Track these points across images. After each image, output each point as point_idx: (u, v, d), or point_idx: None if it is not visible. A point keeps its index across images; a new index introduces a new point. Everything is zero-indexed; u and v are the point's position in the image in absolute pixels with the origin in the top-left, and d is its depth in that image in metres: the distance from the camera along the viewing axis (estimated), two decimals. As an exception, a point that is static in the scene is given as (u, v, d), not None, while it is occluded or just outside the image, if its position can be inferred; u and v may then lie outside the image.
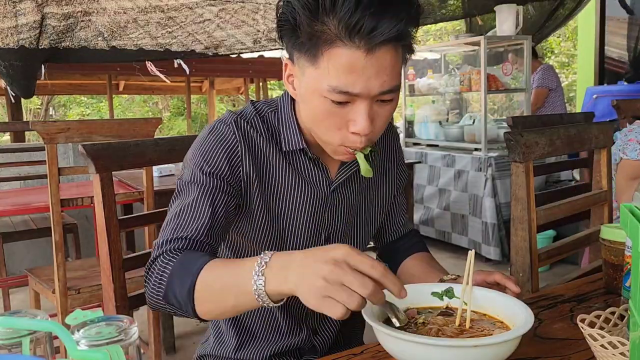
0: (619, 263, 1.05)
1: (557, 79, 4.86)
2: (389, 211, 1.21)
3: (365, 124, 0.86)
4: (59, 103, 14.82)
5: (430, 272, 1.10)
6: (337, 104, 0.86)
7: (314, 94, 0.87)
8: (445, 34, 13.89)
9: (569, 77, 11.07)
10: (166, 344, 2.68)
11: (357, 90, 0.84)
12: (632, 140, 2.04)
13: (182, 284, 0.83)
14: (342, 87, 0.84)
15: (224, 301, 0.81)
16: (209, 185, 0.94)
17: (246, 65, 6.61)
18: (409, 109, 4.78)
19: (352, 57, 0.82)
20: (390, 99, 0.89)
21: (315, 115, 0.90)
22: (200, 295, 0.82)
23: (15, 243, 3.34)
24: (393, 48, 0.84)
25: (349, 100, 0.86)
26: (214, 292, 0.81)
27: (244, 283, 0.76)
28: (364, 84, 0.84)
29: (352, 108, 0.87)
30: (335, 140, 0.91)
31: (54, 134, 2.03)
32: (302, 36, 0.85)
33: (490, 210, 3.73)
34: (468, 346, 0.71)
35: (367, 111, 0.86)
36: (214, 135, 0.97)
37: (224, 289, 0.80)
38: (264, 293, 0.75)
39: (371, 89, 0.84)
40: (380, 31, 0.80)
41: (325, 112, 0.88)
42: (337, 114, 0.87)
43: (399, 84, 0.89)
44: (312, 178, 1.02)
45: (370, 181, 1.11)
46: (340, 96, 0.85)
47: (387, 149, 1.16)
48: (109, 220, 1.25)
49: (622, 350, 0.71)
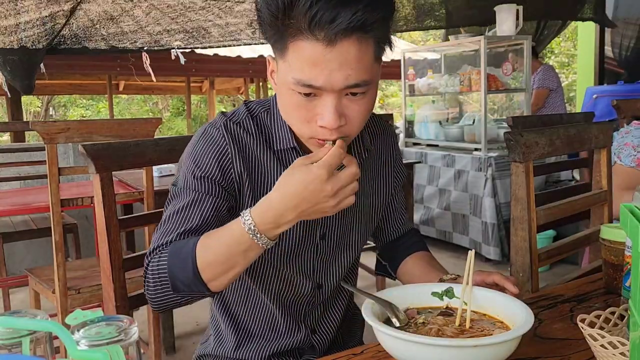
0: (619, 263, 1.05)
1: (557, 79, 4.86)
2: (388, 210, 1.21)
3: (331, 118, 0.85)
4: (59, 103, 14.82)
5: (431, 272, 1.10)
6: (305, 96, 0.86)
7: (284, 86, 0.88)
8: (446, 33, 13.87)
9: (569, 77, 11.07)
10: (166, 344, 2.68)
11: (319, 84, 0.83)
12: (627, 144, 2.01)
13: (185, 268, 0.88)
14: (305, 80, 0.83)
15: (234, 265, 0.87)
16: (200, 189, 0.95)
17: (246, 65, 6.61)
18: (409, 109, 4.78)
19: (314, 50, 0.81)
20: (362, 93, 0.87)
21: (285, 108, 0.92)
22: (207, 272, 0.87)
23: (15, 243, 3.34)
24: (357, 40, 0.82)
25: (315, 93, 0.85)
26: (220, 264, 0.87)
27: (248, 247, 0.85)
28: (326, 77, 0.82)
29: (319, 101, 0.86)
30: (305, 133, 0.91)
31: (54, 134, 2.03)
32: (270, 31, 0.86)
33: (490, 210, 3.73)
34: (468, 346, 0.71)
35: (333, 105, 0.85)
36: (204, 139, 0.98)
37: (231, 260, 0.86)
38: (269, 242, 0.85)
39: (334, 82, 0.83)
40: (339, 21, 0.79)
41: (294, 105, 0.88)
42: (305, 107, 0.87)
43: (369, 79, 0.86)
44: None
45: (367, 180, 1.11)
46: (304, 89, 0.84)
47: (383, 148, 1.15)
48: (109, 220, 1.25)
49: (622, 350, 0.71)
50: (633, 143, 2.01)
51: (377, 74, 0.90)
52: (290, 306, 1.08)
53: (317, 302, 1.10)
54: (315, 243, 1.05)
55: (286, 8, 0.81)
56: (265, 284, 1.05)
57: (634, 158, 1.98)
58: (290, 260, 1.04)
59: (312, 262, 1.06)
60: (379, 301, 0.86)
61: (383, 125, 1.17)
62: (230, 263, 0.87)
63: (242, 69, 6.79)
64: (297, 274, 1.05)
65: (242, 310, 1.10)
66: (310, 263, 1.06)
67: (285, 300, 1.07)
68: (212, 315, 1.16)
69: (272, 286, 1.06)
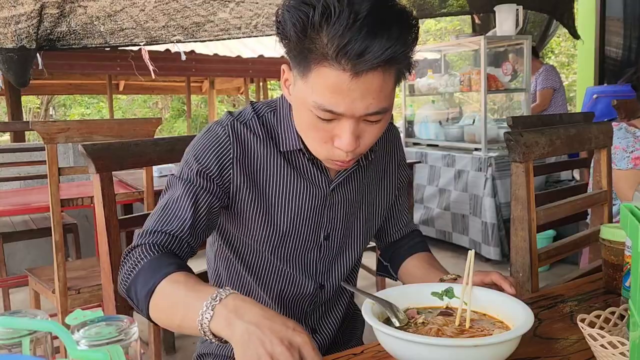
0: (619, 263, 1.05)
1: (559, 79, 4.87)
2: (391, 211, 1.21)
3: (349, 141, 0.86)
4: (59, 103, 14.82)
5: (431, 272, 1.10)
6: (323, 119, 0.86)
7: (302, 105, 0.88)
8: (446, 33, 13.89)
9: (569, 77, 11.07)
10: (166, 343, 2.68)
11: (340, 110, 0.83)
12: (617, 147, 1.99)
13: (145, 284, 0.86)
14: (326, 106, 0.83)
15: (172, 317, 0.83)
16: (195, 183, 0.96)
17: (246, 65, 6.61)
18: (409, 109, 4.78)
19: (338, 79, 0.81)
20: (378, 120, 0.88)
21: (302, 126, 0.92)
22: (155, 303, 0.85)
23: (16, 243, 3.34)
24: (382, 72, 0.82)
25: (335, 118, 0.86)
26: (166, 305, 0.84)
27: (193, 309, 0.77)
28: (348, 105, 0.83)
29: (337, 124, 0.86)
30: (321, 153, 0.92)
31: (54, 134, 2.03)
32: (293, 50, 0.85)
33: (490, 210, 3.73)
34: (468, 346, 0.71)
35: (351, 129, 0.86)
36: (208, 136, 0.98)
37: (175, 306, 0.82)
38: (207, 327, 0.76)
39: (355, 110, 0.83)
40: (369, 57, 0.78)
41: (311, 125, 0.88)
42: (323, 129, 0.88)
43: (388, 106, 0.87)
44: (311, 177, 1.02)
45: (371, 180, 1.11)
46: (324, 114, 0.85)
47: (388, 149, 1.16)
48: (109, 220, 1.25)
49: (622, 350, 0.71)
50: (622, 145, 2.00)
51: (394, 97, 0.91)
52: (292, 306, 1.08)
53: (319, 302, 1.11)
54: (319, 243, 1.05)
55: (315, 29, 0.80)
56: (267, 283, 1.06)
57: (629, 159, 1.98)
58: (294, 259, 1.04)
59: (315, 262, 1.07)
60: (379, 301, 0.86)
61: (388, 126, 1.17)
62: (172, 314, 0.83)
63: (242, 69, 6.78)
64: (300, 274, 1.06)
65: None
66: (313, 263, 1.06)
67: (287, 300, 1.08)
68: None
69: (275, 286, 1.06)
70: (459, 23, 13.63)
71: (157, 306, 0.85)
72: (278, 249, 1.02)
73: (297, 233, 1.03)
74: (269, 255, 1.03)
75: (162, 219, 0.94)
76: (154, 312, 0.86)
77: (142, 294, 0.86)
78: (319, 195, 1.03)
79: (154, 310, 0.86)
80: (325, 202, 1.04)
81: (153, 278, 0.85)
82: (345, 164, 0.93)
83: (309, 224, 1.03)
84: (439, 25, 14.67)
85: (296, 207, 1.02)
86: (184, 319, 0.80)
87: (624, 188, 1.95)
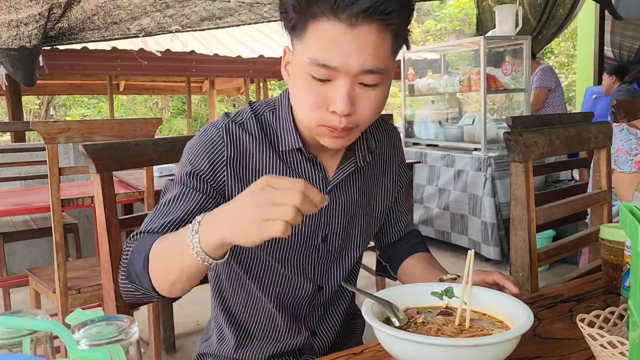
0: (619, 263, 1.05)
1: (556, 79, 4.86)
2: (391, 212, 1.21)
3: (343, 102, 0.85)
4: (59, 103, 14.83)
5: (431, 272, 1.10)
6: (318, 80, 0.86)
7: (298, 70, 0.88)
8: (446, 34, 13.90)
9: (569, 77, 11.07)
10: (166, 343, 2.69)
11: (335, 64, 0.84)
12: (620, 150, 1.99)
13: (138, 261, 0.87)
14: (321, 60, 0.84)
15: (172, 268, 0.83)
16: (188, 185, 0.96)
17: (246, 65, 6.62)
18: (408, 109, 4.78)
19: (334, 30, 0.82)
20: (375, 84, 0.87)
21: (297, 93, 0.91)
22: (152, 267, 0.86)
23: (16, 243, 3.34)
24: (377, 27, 0.83)
25: (330, 78, 0.86)
26: (162, 261, 0.85)
27: (185, 245, 0.78)
28: (343, 58, 0.83)
29: (332, 86, 0.86)
30: (314, 119, 0.90)
31: (55, 134, 2.03)
32: (291, 13, 0.87)
33: (489, 210, 3.73)
34: (468, 346, 0.71)
35: (347, 90, 0.85)
36: (202, 137, 0.99)
37: (170, 256, 0.83)
38: (200, 249, 0.77)
39: (351, 64, 0.84)
40: (362, 2, 0.80)
41: (306, 88, 0.88)
42: (318, 91, 0.87)
43: (385, 68, 0.87)
44: (308, 177, 1.01)
45: (370, 182, 1.11)
46: (319, 70, 0.85)
47: (387, 150, 1.15)
48: (110, 220, 1.25)
49: (622, 350, 0.71)
50: (624, 148, 1.99)
51: (392, 69, 0.91)
52: (290, 308, 1.08)
53: (317, 304, 1.10)
54: (316, 245, 1.05)
55: None
56: (265, 285, 1.05)
57: (632, 163, 1.97)
58: (291, 261, 1.04)
59: (313, 264, 1.06)
60: (379, 301, 0.86)
61: (388, 127, 1.17)
62: (168, 263, 0.84)
63: (242, 69, 6.79)
64: (298, 275, 1.05)
65: (242, 311, 1.10)
66: (311, 265, 1.06)
67: (285, 302, 1.07)
68: (215, 315, 1.16)
69: (272, 288, 1.06)
70: (459, 23, 13.64)
71: (155, 268, 0.86)
72: (274, 250, 1.02)
73: (295, 234, 1.02)
74: (266, 257, 1.02)
75: (153, 220, 0.95)
76: (155, 277, 0.86)
77: (139, 270, 0.87)
78: None
79: (155, 276, 0.86)
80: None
81: (143, 252, 0.87)
82: (338, 133, 0.90)
83: (306, 225, 1.03)
84: (439, 26, 14.68)
85: None
86: (182, 259, 0.80)
87: (626, 192, 1.95)
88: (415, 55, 5.22)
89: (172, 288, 0.86)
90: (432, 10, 15.30)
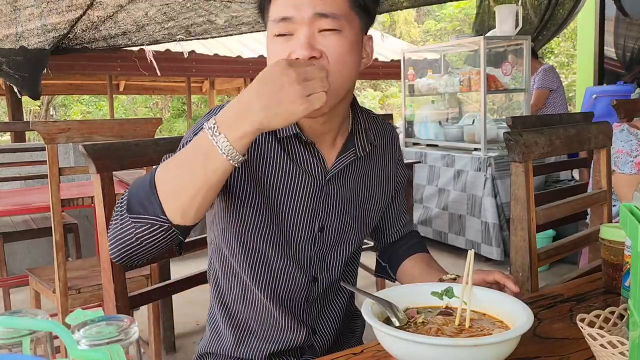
0: (619, 263, 1.05)
1: (558, 79, 4.86)
2: (389, 211, 1.21)
3: (303, 46, 0.89)
4: (59, 103, 14.83)
5: (430, 273, 1.10)
6: (283, 37, 0.92)
7: (269, 38, 0.94)
8: (446, 34, 13.90)
9: (569, 77, 11.07)
10: (166, 343, 2.68)
11: (291, 14, 0.90)
12: (620, 151, 1.98)
13: (143, 185, 0.84)
14: (279, 15, 0.91)
15: (191, 181, 0.80)
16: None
17: (246, 65, 6.61)
18: (408, 109, 4.78)
19: None
20: (333, 29, 0.91)
21: (271, 59, 0.94)
22: (162, 188, 0.82)
23: (16, 243, 3.34)
24: None
25: (291, 31, 0.91)
26: (176, 177, 0.81)
27: (208, 149, 0.78)
28: (296, 7, 0.90)
29: (294, 39, 0.91)
30: None
31: (55, 134, 2.03)
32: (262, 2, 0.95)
33: (490, 210, 3.73)
34: (468, 346, 0.71)
35: (305, 35, 0.90)
36: (207, 117, 1.00)
37: (187, 168, 0.81)
38: (230, 148, 0.77)
39: (303, 10, 0.90)
40: None
41: (275, 52, 0.93)
42: (283, 49, 0.92)
43: (339, 13, 0.91)
44: (307, 166, 1.02)
45: (368, 175, 1.12)
46: (279, 25, 0.91)
47: (387, 146, 1.17)
48: (110, 220, 1.24)
49: (622, 350, 0.71)
50: (625, 149, 1.99)
51: (354, 23, 0.95)
52: (285, 301, 1.07)
53: (313, 297, 1.10)
54: (313, 235, 1.05)
55: None
56: (260, 278, 1.04)
57: (633, 164, 1.97)
58: (287, 249, 1.04)
59: (309, 254, 1.06)
60: (379, 301, 0.86)
61: (387, 126, 1.18)
62: (186, 173, 0.80)
63: (242, 69, 6.79)
64: (292, 266, 1.05)
65: (240, 308, 1.09)
66: (307, 254, 1.06)
67: (280, 295, 1.06)
68: (211, 313, 1.16)
69: (268, 280, 1.04)
70: (459, 23, 13.64)
71: (167, 190, 0.81)
72: (272, 237, 1.02)
73: (292, 222, 1.02)
74: (262, 246, 1.02)
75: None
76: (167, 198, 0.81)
77: (144, 193, 0.82)
78: (315, 185, 1.03)
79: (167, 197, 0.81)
80: (321, 193, 1.04)
81: (147, 177, 0.84)
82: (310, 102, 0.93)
83: (305, 214, 1.03)
84: (439, 26, 14.69)
85: (292, 195, 1.02)
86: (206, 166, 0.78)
87: (626, 193, 1.94)
88: (415, 55, 5.22)
89: (188, 209, 0.81)
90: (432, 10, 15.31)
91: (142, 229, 0.84)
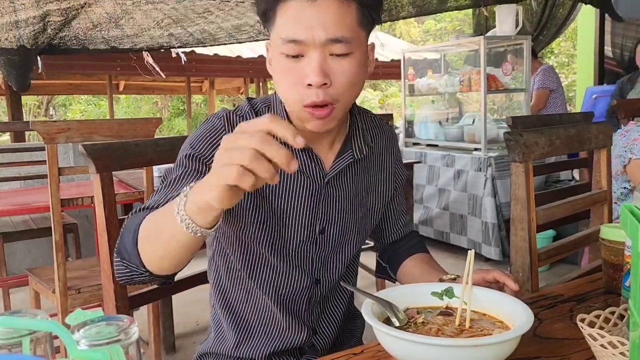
0: (619, 263, 1.05)
1: (557, 79, 4.86)
2: (388, 211, 1.21)
3: (315, 72, 0.88)
4: (59, 103, 14.83)
5: (430, 273, 1.10)
6: (292, 58, 0.90)
7: (276, 54, 0.93)
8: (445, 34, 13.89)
9: (569, 77, 11.07)
10: (166, 343, 2.68)
11: (302, 37, 0.88)
12: (637, 139, 2.01)
13: (129, 234, 0.87)
14: (289, 36, 0.89)
15: (160, 239, 0.80)
16: (188, 167, 0.97)
17: (246, 65, 6.61)
18: (408, 109, 4.78)
19: (297, 7, 0.88)
20: (345, 53, 0.90)
21: (278, 77, 0.94)
22: (141, 241, 0.84)
23: (16, 243, 3.34)
24: (338, 1, 0.88)
25: (301, 53, 0.89)
26: (151, 233, 0.83)
27: (173, 212, 0.76)
28: (308, 31, 0.88)
29: (305, 61, 0.90)
30: (295, 98, 0.92)
31: (55, 134, 2.03)
32: (261, 2, 0.92)
33: (490, 210, 3.73)
34: (468, 346, 0.71)
35: (317, 61, 0.88)
36: (204, 126, 1.01)
37: (158, 226, 0.81)
38: (184, 213, 0.73)
39: (316, 36, 0.88)
40: None
41: (283, 70, 0.92)
42: (293, 69, 0.91)
43: (350, 37, 0.90)
44: (306, 170, 1.02)
45: (367, 176, 1.12)
46: (290, 47, 0.89)
47: (385, 147, 1.17)
48: (109, 220, 1.25)
49: (622, 350, 0.71)
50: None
51: (362, 41, 0.94)
52: (288, 303, 1.08)
53: (315, 299, 1.10)
54: (314, 237, 1.06)
55: None
56: (262, 279, 1.05)
57: None
58: (289, 253, 1.04)
59: (311, 257, 1.07)
60: (379, 301, 0.86)
61: (384, 126, 1.18)
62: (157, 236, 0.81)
63: (242, 69, 6.79)
64: (295, 268, 1.05)
65: (242, 308, 1.10)
66: (308, 257, 1.06)
67: (283, 297, 1.07)
68: (214, 312, 1.16)
69: (271, 282, 1.05)
70: (458, 23, 13.63)
71: (144, 244, 0.83)
72: (273, 241, 1.02)
73: (293, 226, 1.03)
74: (264, 250, 1.02)
75: (151, 200, 0.95)
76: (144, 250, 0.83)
77: (128, 244, 0.86)
78: (314, 188, 1.03)
79: (144, 248, 0.83)
80: (320, 196, 1.04)
81: (133, 226, 0.86)
82: (319, 112, 0.91)
83: (305, 217, 1.03)
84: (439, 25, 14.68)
85: (291, 199, 1.02)
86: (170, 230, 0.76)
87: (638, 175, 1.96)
88: (415, 55, 5.22)
89: (161, 263, 0.84)
90: (432, 10, 15.27)
91: (130, 271, 0.89)
